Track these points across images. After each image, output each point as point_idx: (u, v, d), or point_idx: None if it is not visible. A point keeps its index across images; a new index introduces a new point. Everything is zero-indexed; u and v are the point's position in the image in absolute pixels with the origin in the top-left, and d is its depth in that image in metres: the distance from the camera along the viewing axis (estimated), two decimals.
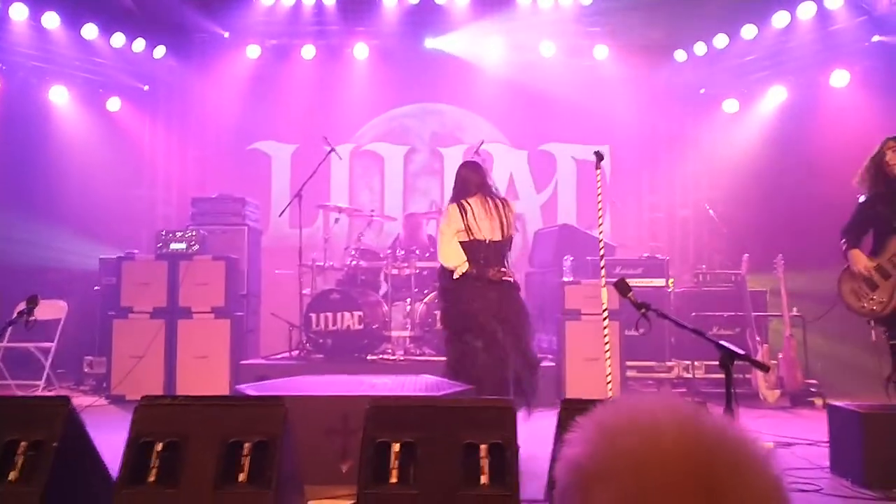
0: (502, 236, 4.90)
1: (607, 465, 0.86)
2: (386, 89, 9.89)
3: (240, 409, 3.03)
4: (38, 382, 7.07)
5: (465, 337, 4.81)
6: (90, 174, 9.02)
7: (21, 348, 7.22)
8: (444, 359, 6.76)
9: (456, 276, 4.85)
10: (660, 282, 7.51)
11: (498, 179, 7.54)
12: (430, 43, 9.62)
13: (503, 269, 4.88)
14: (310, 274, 7.58)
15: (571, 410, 3.05)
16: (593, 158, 4.83)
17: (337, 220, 8.02)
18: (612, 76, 9.46)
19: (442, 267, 5.01)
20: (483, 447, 2.96)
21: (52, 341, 7.13)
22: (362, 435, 3.03)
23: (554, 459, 3.09)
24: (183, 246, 7.17)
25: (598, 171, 4.69)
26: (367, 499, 2.85)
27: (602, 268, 4.81)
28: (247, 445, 2.89)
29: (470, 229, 4.84)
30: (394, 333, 7.56)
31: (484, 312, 4.77)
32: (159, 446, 2.84)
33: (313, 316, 7.19)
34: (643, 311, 3.96)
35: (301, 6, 9.37)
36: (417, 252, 7.51)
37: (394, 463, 2.95)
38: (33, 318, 3.83)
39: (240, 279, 7.47)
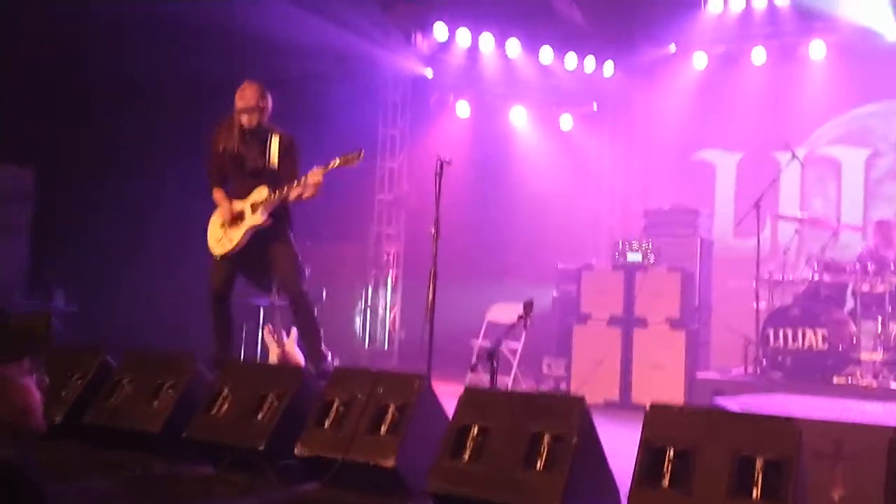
0: None
1: None
2: (844, 88, 9.10)
3: (751, 424, 2.97)
4: (506, 378, 7.73)
5: None
6: (545, 188, 9.70)
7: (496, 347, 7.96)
8: None
9: None
10: None
11: None
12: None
13: None
14: (764, 287, 7.24)
15: None
16: None
17: (795, 231, 7.54)
18: None
19: None
20: None
21: (519, 342, 7.74)
22: (887, 467, 2.77)
23: None
24: (639, 257, 7.32)
25: None
26: None
27: None
28: (759, 461, 2.82)
29: None
30: (863, 356, 6.86)
31: None
32: (671, 452, 2.89)
33: (771, 332, 6.85)
34: None
35: (751, 10, 9.07)
36: (893, 266, 6.74)
37: None
38: (530, 319, 4.18)
39: (693, 291, 7.40)
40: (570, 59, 9.70)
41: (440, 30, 9.40)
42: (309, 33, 7.96)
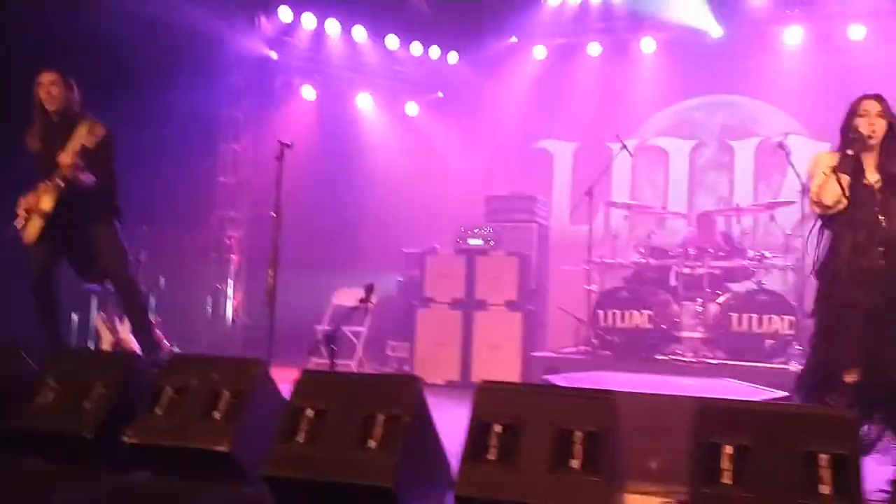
0: None
1: None
2: (672, 82, 9.68)
3: (572, 399, 3.15)
4: (349, 362, 7.78)
5: None
6: (391, 173, 9.79)
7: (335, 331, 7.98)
8: (737, 363, 6.64)
9: None
10: None
11: (798, 173, 7.13)
12: (719, 32, 9.26)
13: None
14: (596, 270, 7.65)
15: None
16: None
17: (625, 217, 8.00)
18: None
19: None
20: (824, 457, 2.83)
21: (363, 326, 7.80)
22: (693, 434, 3.02)
23: None
24: (480, 242, 7.55)
25: None
26: (701, 498, 2.84)
27: None
28: (579, 434, 3.00)
29: None
30: (684, 334, 7.39)
31: None
32: (498, 428, 3.03)
33: (601, 312, 7.24)
34: None
35: (588, 4, 9.48)
36: (711, 251, 7.29)
37: (726, 465, 2.91)
38: (371, 303, 4.24)
39: (530, 274, 7.71)
40: (416, 46, 9.81)
41: (285, 12, 9.25)
42: (146, 10, 7.63)
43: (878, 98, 3.92)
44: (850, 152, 3.77)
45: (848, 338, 3.71)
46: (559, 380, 4.56)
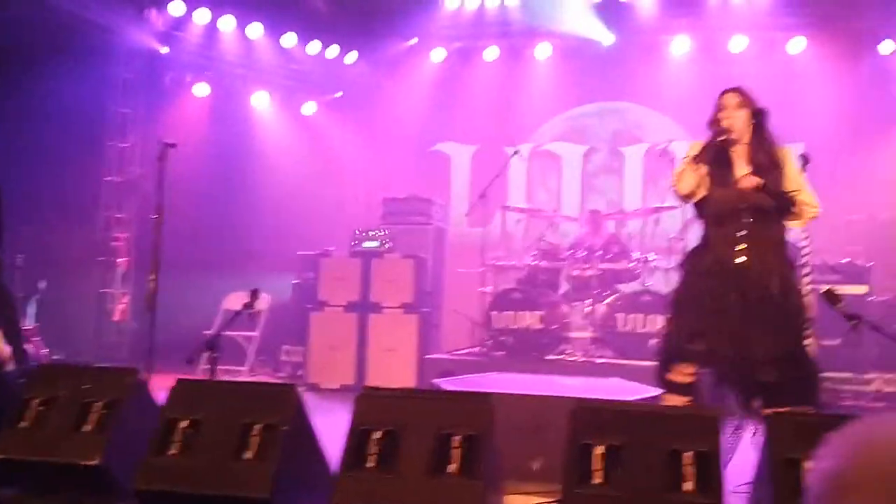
0: None
1: (863, 477, 0.91)
2: (566, 89, 9.89)
3: (451, 402, 3.18)
4: (241, 368, 7.64)
5: None
6: (286, 174, 9.64)
7: (227, 336, 7.81)
8: (623, 362, 6.84)
9: None
10: (860, 289, 7.08)
11: None
12: (610, 40, 9.51)
13: None
14: (491, 272, 7.74)
15: None
16: None
17: (519, 220, 8.13)
18: (807, 70, 8.99)
19: None
20: (687, 455, 2.95)
21: (255, 331, 7.68)
22: (568, 435, 3.09)
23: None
24: (375, 244, 7.53)
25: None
26: (574, 498, 2.92)
27: (806, 274, 4.62)
28: (457, 438, 3.03)
29: None
30: (573, 334, 7.56)
31: None
32: (377, 434, 3.03)
33: (494, 314, 7.33)
34: (854, 323, 3.79)
35: (485, 9, 9.56)
36: (599, 253, 7.48)
37: (598, 465, 2.99)
38: (255, 309, 4.18)
39: (426, 276, 7.74)
40: (314, 45, 9.69)
41: (176, 6, 8.98)
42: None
43: (737, 90, 3.96)
44: (711, 144, 3.85)
45: (696, 312, 3.78)
46: (450, 383, 4.59)
